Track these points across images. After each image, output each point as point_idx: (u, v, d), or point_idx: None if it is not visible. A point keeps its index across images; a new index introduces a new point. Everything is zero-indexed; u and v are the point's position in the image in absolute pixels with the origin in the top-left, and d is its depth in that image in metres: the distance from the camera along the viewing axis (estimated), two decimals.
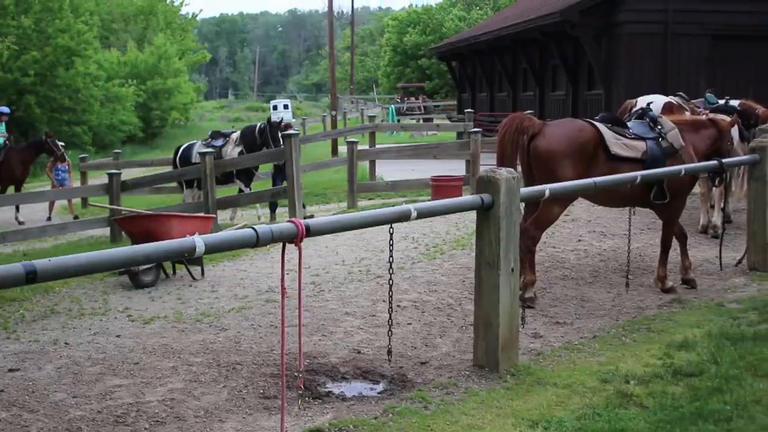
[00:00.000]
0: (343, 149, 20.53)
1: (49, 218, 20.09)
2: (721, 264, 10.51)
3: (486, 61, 36.55)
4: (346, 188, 17.89)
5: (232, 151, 16.96)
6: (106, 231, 15.70)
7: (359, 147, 18.32)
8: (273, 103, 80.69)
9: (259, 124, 17.43)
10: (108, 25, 63.14)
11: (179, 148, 18.55)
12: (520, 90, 32.63)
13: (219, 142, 17.20)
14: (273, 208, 17.30)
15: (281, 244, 5.04)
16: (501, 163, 8.75)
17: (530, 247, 8.86)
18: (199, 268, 10.77)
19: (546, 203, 8.55)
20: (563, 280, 10.11)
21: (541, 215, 8.88)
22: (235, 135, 17.41)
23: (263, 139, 16.85)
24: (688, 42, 23.07)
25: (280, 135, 16.44)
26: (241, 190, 17.33)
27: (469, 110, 26.43)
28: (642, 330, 7.74)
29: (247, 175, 17.14)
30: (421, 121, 46.77)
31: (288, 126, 17.61)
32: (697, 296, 9.17)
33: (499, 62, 33.55)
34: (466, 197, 6.79)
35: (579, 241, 12.38)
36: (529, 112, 22.87)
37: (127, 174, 19.73)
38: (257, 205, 17.71)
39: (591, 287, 9.79)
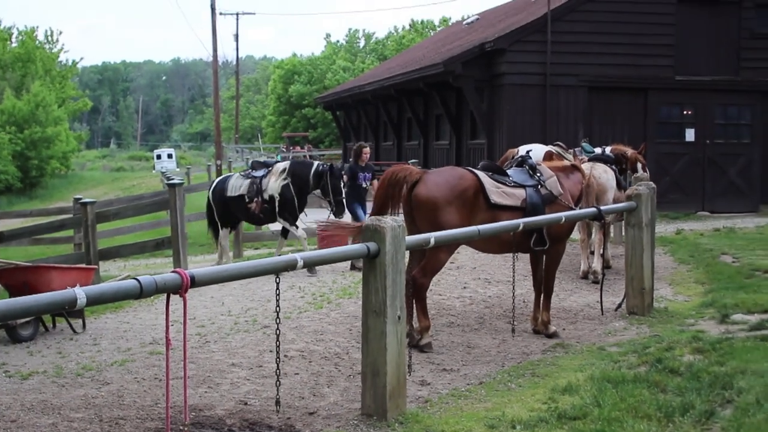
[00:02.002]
0: None
1: None
2: (601, 308, 10.77)
3: (371, 111, 36.97)
4: (231, 238, 17.74)
5: (274, 183, 14.70)
6: None
7: None
8: (157, 152, 79.86)
9: (317, 164, 14.95)
10: None
11: (213, 181, 16.32)
12: (405, 139, 33.05)
13: (260, 173, 15.07)
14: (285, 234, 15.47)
15: (166, 295, 4.97)
16: (376, 213, 8.84)
17: (421, 294, 8.97)
18: (80, 321, 10.48)
19: (432, 251, 8.66)
20: (449, 327, 10.20)
21: (428, 263, 8.97)
22: (281, 166, 15.09)
23: (320, 184, 14.61)
24: (566, 93, 23.81)
25: (341, 185, 14.54)
26: (285, 230, 15.18)
27: None
28: (527, 375, 7.86)
29: (291, 213, 14.74)
30: None
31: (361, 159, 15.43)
32: (579, 341, 9.36)
33: (384, 112, 33.96)
34: (353, 246, 6.82)
35: (464, 288, 12.53)
36: (413, 161, 23.31)
37: (4, 225, 19.18)
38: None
39: (477, 334, 9.90)
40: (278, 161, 16.03)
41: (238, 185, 15.00)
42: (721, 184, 24.83)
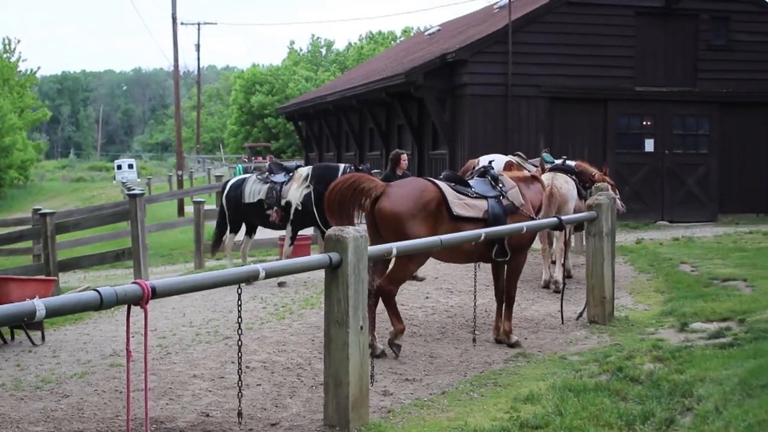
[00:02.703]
0: (189, 209, 20.27)
1: None
2: (562, 318, 10.83)
3: (332, 121, 36.96)
4: (192, 249, 17.63)
5: (296, 191, 13.87)
6: None
7: (206, 207, 18.14)
8: (117, 162, 79.34)
9: (344, 167, 13.88)
10: None
11: (226, 183, 15.33)
12: (366, 149, 33.06)
13: (280, 178, 14.11)
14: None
15: (126, 307, 4.93)
16: (331, 217, 8.97)
17: (390, 300, 9.01)
18: (39, 333, 10.37)
19: (401, 261, 8.71)
20: (412, 337, 10.20)
21: (394, 272, 9.00)
22: (304, 171, 14.11)
23: None
24: (527, 103, 23.97)
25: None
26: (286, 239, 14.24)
27: None
28: (489, 384, 7.89)
29: (305, 225, 14.14)
30: None
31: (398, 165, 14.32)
32: (540, 350, 9.41)
33: (346, 122, 33.97)
34: (315, 256, 6.82)
35: (426, 298, 12.55)
36: (375, 171, 23.33)
37: None
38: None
39: (439, 343, 9.91)
40: (299, 165, 15.23)
41: (256, 190, 14.26)
42: (680, 194, 25.11)
